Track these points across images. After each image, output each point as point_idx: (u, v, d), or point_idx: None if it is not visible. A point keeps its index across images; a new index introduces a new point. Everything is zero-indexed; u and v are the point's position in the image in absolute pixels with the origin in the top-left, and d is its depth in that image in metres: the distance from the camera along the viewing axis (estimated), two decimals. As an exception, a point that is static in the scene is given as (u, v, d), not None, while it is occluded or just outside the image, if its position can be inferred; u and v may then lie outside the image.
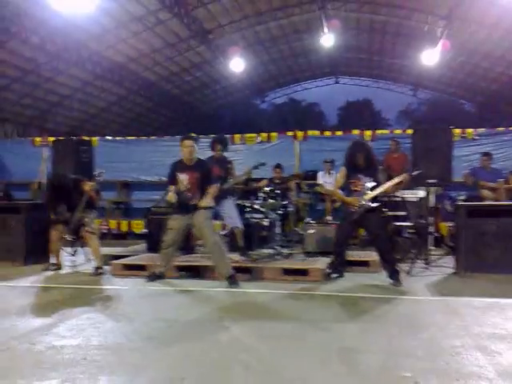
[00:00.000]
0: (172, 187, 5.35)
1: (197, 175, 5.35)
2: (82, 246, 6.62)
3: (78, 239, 6.27)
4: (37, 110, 20.98)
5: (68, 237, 5.97)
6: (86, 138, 9.17)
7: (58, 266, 6.21)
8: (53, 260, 6.26)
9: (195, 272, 5.73)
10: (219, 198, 5.90)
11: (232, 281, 5.18)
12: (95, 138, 10.72)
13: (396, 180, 5.46)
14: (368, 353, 3.08)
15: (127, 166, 10.87)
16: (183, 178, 5.35)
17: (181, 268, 5.79)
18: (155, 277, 5.45)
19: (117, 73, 20.18)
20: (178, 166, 5.47)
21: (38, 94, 19.68)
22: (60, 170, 6.72)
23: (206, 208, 5.30)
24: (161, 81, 22.97)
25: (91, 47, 17.56)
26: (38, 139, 11.47)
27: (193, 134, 5.86)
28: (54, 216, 5.99)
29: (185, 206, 5.34)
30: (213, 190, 5.37)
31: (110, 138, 12.13)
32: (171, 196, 5.29)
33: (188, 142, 5.37)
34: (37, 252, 6.59)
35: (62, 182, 5.98)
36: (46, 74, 18.33)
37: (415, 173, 5.65)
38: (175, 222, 5.41)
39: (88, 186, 5.86)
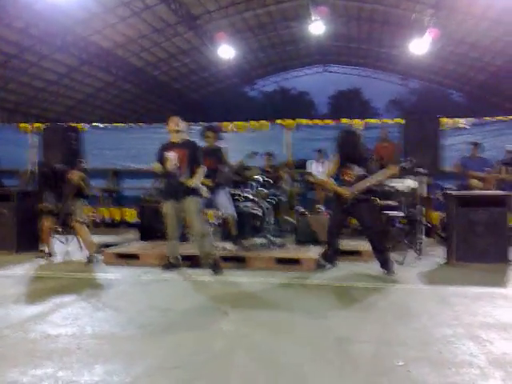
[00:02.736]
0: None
1: (185, 152, 5.33)
2: (74, 235, 6.58)
3: (67, 229, 6.24)
4: (22, 96, 20.59)
5: (57, 227, 5.93)
6: (75, 125, 9.02)
7: (51, 255, 6.17)
8: (45, 249, 6.20)
9: (188, 261, 5.71)
10: (213, 188, 5.92)
11: (216, 269, 5.23)
12: (83, 125, 10.57)
13: (387, 172, 5.50)
14: (361, 341, 3.12)
15: (116, 154, 10.75)
16: (171, 155, 5.32)
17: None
18: (171, 266, 5.43)
19: (103, 58, 19.87)
20: (166, 146, 5.49)
21: (24, 79, 19.31)
22: (49, 158, 6.62)
23: (194, 193, 5.30)
24: (148, 67, 22.68)
25: (77, 32, 17.23)
26: (23, 125, 11.26)
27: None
28: (43, 206, 5.93)
29: (174, 189, 5.32)
30: (201, 170, 5.36)
31: (98, 124, 11.96)
32: (157, 165, 5.35)
33: (174, 117, 5.50)
34: (28, 240, 6.54)
35: (49, 171, 5.91)
36: (31, 58, 17.97)
37: (406, 164, 5.68)
38: (167, 208, 5.40)
39: (75, 175, 5.80)
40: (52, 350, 2.94)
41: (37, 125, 10.32)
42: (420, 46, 17.30)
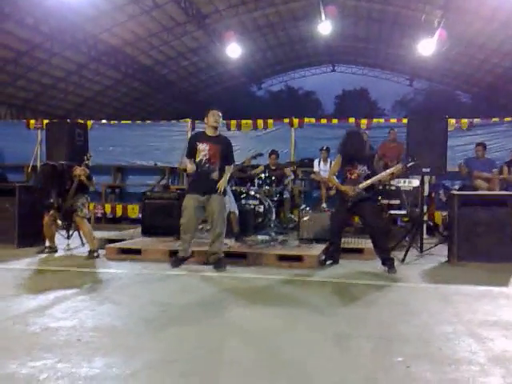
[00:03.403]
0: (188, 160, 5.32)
1: (218, 148, 5.26)
2: (76, 230, 6.63)
3: (70, 224, 6.30)
4: (31, 93, 20.77)
5: (60, 223, 5.97)
6: (81, 121, 9.08)
7: (53, 249, 6.21)
8: (47, 243, 6.25)
9: (191, 256, 5.72)
10: None
11: (219, 265, 5.22)
12: (90, 122, 10.65)
13: (390, 170, 5.50)
14: (360, 338, 3.11)
15: (122, 150, 10.83)
16: (204, 147, 5.23)
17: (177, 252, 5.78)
18: (179, 261, 5.38)
19: (113, 56, 19.97)
20: (199, 137, 5.39)
21: (33, 76, 19.46)
22: (54, 154, 6.65)
23: (222, 192, 5.27)
24: (157, 65, 22.77)
25: (87, 30, 17.34)
26: (32, 122, 11.37)
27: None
28: (47, 202, 5.96)
29: (202, 183, 5.24)
30: (230, 169, 5.35)
31: (104, 121, 12.04)
32: (190, 167, 5.25)
33: (216, 111, 5.31)
34: (31, 234, 6.57)
35: (53, 167, 5.94)
36: (41, 55, 18.11)
37: (410, 164, 5.69)
38: (189, 201, 5.27)
39: (78, 170, 5.84)
40: (52, 343, 2.94)
41: (45, 121, 10.38)
42: (428, 47, 17.24)
